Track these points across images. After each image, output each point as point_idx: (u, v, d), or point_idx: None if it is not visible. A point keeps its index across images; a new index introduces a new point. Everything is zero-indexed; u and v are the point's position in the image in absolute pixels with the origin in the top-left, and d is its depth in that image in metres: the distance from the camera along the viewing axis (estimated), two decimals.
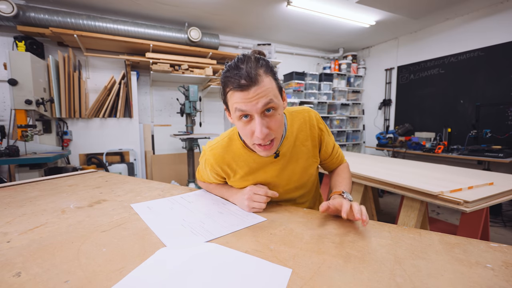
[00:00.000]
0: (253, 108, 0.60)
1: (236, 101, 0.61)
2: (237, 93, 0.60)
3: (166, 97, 3.54)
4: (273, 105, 0.61)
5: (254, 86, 0.59)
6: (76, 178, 1.14)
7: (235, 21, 3.30)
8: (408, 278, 0.41)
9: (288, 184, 0.81)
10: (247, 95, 0.59)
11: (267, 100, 0.60)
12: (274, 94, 0.62)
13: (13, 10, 2.36)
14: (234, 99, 0.61)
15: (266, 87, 0.60)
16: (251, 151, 0.75)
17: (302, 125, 0.79)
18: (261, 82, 0.60)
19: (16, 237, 0.55)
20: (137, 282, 0.40)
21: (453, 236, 0.55)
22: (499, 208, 2.69)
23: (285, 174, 0.79)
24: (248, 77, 0.58)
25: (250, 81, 0.58)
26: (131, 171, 3.09)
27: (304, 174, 0.81)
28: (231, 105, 0.63)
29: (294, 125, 0.78)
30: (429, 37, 3.53)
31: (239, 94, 0.60)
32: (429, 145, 3.08)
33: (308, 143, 0.79)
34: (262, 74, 0.60)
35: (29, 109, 2.18)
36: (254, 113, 0.61)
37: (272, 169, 0.77)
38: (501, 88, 2.85)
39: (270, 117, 0.63)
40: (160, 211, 0.71)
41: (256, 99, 0.59)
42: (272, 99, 0.61)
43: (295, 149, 0.78)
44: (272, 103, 0.61)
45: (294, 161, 0.79)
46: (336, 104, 4.24)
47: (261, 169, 0.77)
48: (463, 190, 1.27)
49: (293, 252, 0.50)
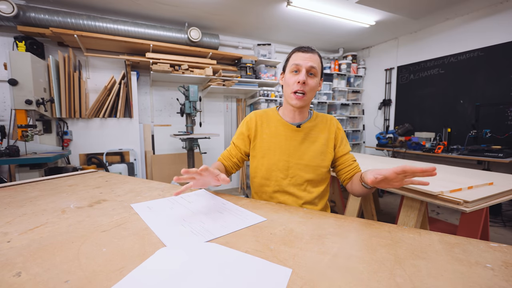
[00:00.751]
0: (304, 63, 0.89)
1: (296, 58, 0.92)
2: (299, 53, 0.92)
3: (166, 97, 3.54)
4: (314, 71, 0.91)
5: (310, 53, 0.91)
6: (76, 178, 1.14)
7: (235, 21, 3.30)
8: (408, 278, 0.41)
9: (301, 158, 0.96)
10: (304, 56, 0.90)
11: (314, 65, 0.90)
12: (318, 67, 0.92)
13: (13, 10, 2.36)
14: (295, 57, 0.92)
15: (316, 60, 0.91)
16: (283, 119, 1.00)
17: (323, 119, 1.03)
18: (315, 55, 0.92)
19: (16, 237, 0.55)
20: (137, 282, 0.40)
21: (453, 236, 0.55)
22: (499, 208, 2.69)
23: (302, 147, 0.97)
24: (310, 48, 0.93)
25: (310, 50, 0.92)
26: (131, 171, 3.09)
27: (317, 157, 0.96)
28: (291, 63, 0.92)
29: (318, 117, 1.03)
30: (429, 37, 3.53)
31: (300, 54, 0.91)
32: (429, 145, 3.08)
33: (325, 132, 0.99)
34: (316, 54, 0.93)
35: (29, 109, 2.18)
36: (303, 68, 0.89)
37: (293, 137, 0.98)
38: (501, 88, 2.85)
39: (310, 78, 0.91)
40: (160, 211, 0.71)
41: (309, 60, 0.90)
42: (316, 67, 0.90)
43: (314, 131, 0.99)
44: (314, 69, 0.90)
45: (311, 141, 0.98)
46: (336, 104, 4.24)
47: (285, 134, 0.98)
48: (463, 190, 1.27)
49: (293, 252, 0.50)
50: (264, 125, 1.01)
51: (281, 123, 1.00)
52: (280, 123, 1.00)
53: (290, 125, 0.98)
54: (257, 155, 1.00)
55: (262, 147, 0.99)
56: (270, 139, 0.99)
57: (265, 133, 1.00)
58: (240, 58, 3.53)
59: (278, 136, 0.98)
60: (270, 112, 1.04)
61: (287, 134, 0.98)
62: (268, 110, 1.06)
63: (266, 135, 1.00)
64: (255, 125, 1.01)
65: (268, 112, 1.05)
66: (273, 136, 0.99)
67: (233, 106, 3.98)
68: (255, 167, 1.01)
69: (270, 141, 0.98)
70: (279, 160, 0.96)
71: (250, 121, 1.03)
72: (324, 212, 0.73)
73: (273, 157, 0.97)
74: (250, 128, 1.02)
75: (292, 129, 0.98)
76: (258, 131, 1.01)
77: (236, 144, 1.04)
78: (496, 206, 2.66)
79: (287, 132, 0.98)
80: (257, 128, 1.01)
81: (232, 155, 1.05)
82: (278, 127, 0.99)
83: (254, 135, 1.01)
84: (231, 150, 1.06)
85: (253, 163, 1.02)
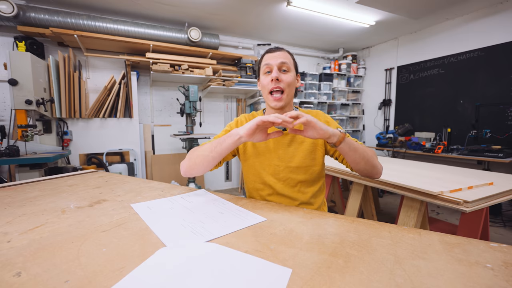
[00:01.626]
0: (274, 61, 0.90)
1: (265, 59, 0.93)
2: (268, 54, 0.93)
3: (166, 97, 3.54)
4: (287, 67, 0.90)
5: (278, 51, 0.92)
6: (76, 178, 1.14)
7: (235, 21, 3.30)
8: (408, 278, 0.41)
9: (290, 161, 0.95)
10: (272, 55, 0.91)
11: (284, 60, 0.90)
12: (289, 62, 0.92)
13: (13, 10, 2.36)
14: (264, 59, 0.93)
15: (286, 56, 0.92)
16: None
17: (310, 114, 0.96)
18: (284, 52, 0.92)
19: (16, 237, 0.55)
20: (137, 282, 0.40)
21: (453, 236, 0.55)
22: (499, 208, 2.69)
23: (290, 150, 0.96)
24: (276, 47, 0.94)
25: (277, 49, 0.93)
26: (131, 171, 3.09)
27: (307, 157, 0.95)
28: (262, 65, 0.93)
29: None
30: (429, 37, 3.53)
31: (268, 55, 0.92)
32: (429, 145, 3.09)
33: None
34: (285, 51, 0.93)
35: (29, 109, 2.18)
36: (274, 65, 0.89)
37: (281, 141, 0.96)
38: (501, 88, 2.85)
39: (284, 74, 0.90)
40: (160, 211, 0.71)
41: (277, 57, 0.90)
42: (287, 62, 0.90)
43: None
44: (286, 65, 0.90)
45: (298, 142, 0.96)
46: (336, 104, 4.24)
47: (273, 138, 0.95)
48: (463, 190, 1.27)
49: (293, 252, 0.50)
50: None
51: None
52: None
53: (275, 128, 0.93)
54: (248, 160, 0.99)
55: (252, 152, 0.98)
56: (258, 143, 0.97)
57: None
58: (240, 58, 3.53)
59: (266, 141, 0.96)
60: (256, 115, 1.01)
61: (276, 138, 0.95)
62: (254, 113, 1.05)
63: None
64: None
65: (254, 115, 1.03)
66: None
67: (233, 106, 3.99)
68: (247, 171, 1.01)
69: (259, 145, 0.97)
70: (269, 164, 0.96)
71: (241, 123, 1.01)
72: (324, 212, 0.73)
73: (263, 161, 0.96)
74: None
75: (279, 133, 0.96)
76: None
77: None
78: (496, 206, 2.66)
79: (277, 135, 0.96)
80: None
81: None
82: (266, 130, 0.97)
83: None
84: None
85: (245, 167, 1.02)
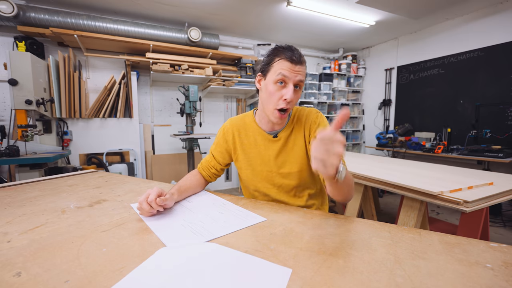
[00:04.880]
0: (293, 77, 0.79)
1: (283, 67, 0.78)
2: (288, 62, 0.78)
3: (166, 97, 3.54)
4: (301, 85, 0.82)
5: (300, 64, 0.79)
6: (76, 178, 1.14)
7: (235, 21, 3.30)
8: (408, 278, 0.41)
9: (282, 167, 0.92)
10: (294, 67, 0.78)
11: (302, 78, 0.80)
12: (304, 79, 0.82)
13: (13, 10, 2.36)
14: (282, 66, 0.78)
15: (303, 71, 0.81)
16: (259, 127, 0.94)
17: (301, 117, 0.93)
18: (303, 66, 0.81)
19: (16, 237, 0.55)
20: (137, 282, 0.40)
21: (453, 236, 0.55)
22: (499, 208, 2.69)
23: (281, 157, 0.92)
24: (300, 57, 0.80)
25: (299, 60, 0.79)
26: (131, 171, 3.09)
27: (298, 162, 0.90)
28: (276, 70, 0.80)
29: (296, 118, 0.94)
30: (429, 37, 3.53)
31: (288, 64, 0.78)
32: (429, 145, 3.08)
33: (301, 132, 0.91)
34: (304, 62, 0.82)
35: (29, 109, 2.18)
36: (291, 82, 0.79)
37: (270, 147, 0.92)
38: (501, 88, 2.85)
39: (296, 92, 0.81)
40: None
41: (298, 72, 0.79)
42: (303, 80, 0.81)
43: (292, 137, 0.92)
44: (302, 83, 0.82)
45: (289, 147, 0.91)
46: (336, 104, 4.24)
47: (263, 144, 0.93)
48: (463, 190, 1.27)
49: (293, 252, 0.50)
50: (242, 135, 0.96)
51: (258, 132, 0.94)
52: (257, 132, 0.94)
53: (266, 134, 0.92)
54: (242, 167, 0.97)
55: (244, 159, 0.96)
56: (250, 150, 0.95)
57: (244, 144, 0.95)
58: (240, 58, 3.53)
59: (257, 146, 0.94)
60: (246, 120, 0.98)
61: (264, 144, 0.93)
62: (244, 116, 0.99)
63: (246, 146, 0.95)
64: (232, 137, 0.96)
65: (244, 119, 0.98)
66: (252, 146, 0.94)
67: (233, 106, 3.98)
68: (242, 179, 1.00)
69: (250, 152, 0.95)
70: (262, 171, 0.93)
71: (226, 132, 0.97)
72: (324, 212, 0.73)
73: (256, 168, 0.94)
74: (228, 140, 0.97)
75: (269, 140, 0.92)
76: (237, 143, 0.96)
77: (214, 156, 0.99)
78: (496, 206, 2.66)
79: (265, 142, 0.93)
80: (234, 140, 0.96)
81: (211, 166, 1.00)
82: (256, 137, 0.94)
83: (234, 148, 0.97)
84: (209, 161, 1.00)
85: (240, 174, 1.00)
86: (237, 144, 0.96)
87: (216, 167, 1.00)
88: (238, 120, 0.99)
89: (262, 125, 0.93)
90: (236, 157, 0.98)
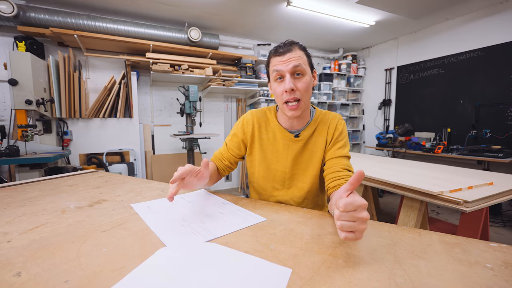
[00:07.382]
0: (285, 68, 0.76)
1: (274, 63, 0.79)
2: (276, 57, 0.79)
3: (166, 97, 3.54)
4: (301, 70, 0.77)
5: (288, 52, 0.77)
6: (76, 178, 1.14)
7: (235, 21, 3.30)
8: (408, 278, 0.41)
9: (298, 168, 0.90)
10: (283, 58, 0.77)
11: (296, 64, 0.76)
12: (303, 62, 0.78)
13: (13, 10, 2.36)
14: (274, 62, 0.79)
15: (297, 55, 0.77)
16: (281, 126, 0.90)
17: (325, 120, 0.91)
18: (294, 51, 0.77)
19: (16, 237, 0.55)
20: (137, 282, 0.40)
21: (453, 236, 0.55)
22: (499, 208, 2.69)
23: (300, 158, 0.89)
24: (285, 46, 0.78)
25: (285, 49, 0.77)
26: (131, 171, 3.09)
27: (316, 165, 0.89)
28: (271, 70, 0.81)
29: (319, 119, 0.91)
30: (429, 37, 3.53)
31: (277, 58, 0.78)
32: (429, 145, 3.08)
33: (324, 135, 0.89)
34: (296, 47, 0.79)
35: (29, 109, 2.18)
36: (286, 72, 0.77)
37: (290, 147, 0.89)
38: (501, 88, 2.85)
39: (298, 79, 0.78)
40: (160, 211, 0.71)
41: (289, 60, 0.76)
42: (300, 64, 0.76)
43: (313, 138, 0.89)
44: (300, 67, 0.76)
45: (311, 150, 0.89)
46: (336, 104, 4.24)
47: (283, 142, 0.90)
48: (463, 190, 1.27)
49: (293, 252, 0.50)
50: (262, 128, 0.93)
51: (278, 129, 0.91)
52: (278, 130, 0.91)
53: (288, 133, 0.89)
54: (254, 161, 0.95)
55: (259, 154, 0.93)
56: (268, 146, 0.92)
57: (263, 139, 0.93)
58: (240, 58, 3.53)
59: (276, 144, 0.91)
60: (268, 114, 0.95)
61: (284, 143, 0.90)
62: (266, 110, 0.96)
63: (264, 141, 0.92)
64: (252, 129, 0.93)
65: (266, 113, 0.95)
66: (271, 143, 0.92)
67: (233, 106, 3.98)
68: (252, 173, 0.97)
69: (267, 149, 0.92)
70: (276, 170, 0.91)
71: (246, 123, 0.94)
72: (324, 212, 0.73)
73: (271, 166, 0.92)
74: (246, 132, 0.93)
75: (290, 139, 0.89)
76: (256, 136, 0.93)
77: (229, 146, 0.96)
78: (496, 206, 2.66)
79: (285, 141, 0.89)
80: (254, 132, 0.93)
81: (224, 158, 0.97)
82: (276, 134, 0.91)
83: (251, 141, 0.94)
84: (223, 152, 0.97)
85: (250, 168, 0.98)
86: (255, 137, 0.93)
87: (230, 159, 0.97)
88: (260, 113, 0.95)
89: (282, 123, 0.91)
90: (250, 151, 0.95)
